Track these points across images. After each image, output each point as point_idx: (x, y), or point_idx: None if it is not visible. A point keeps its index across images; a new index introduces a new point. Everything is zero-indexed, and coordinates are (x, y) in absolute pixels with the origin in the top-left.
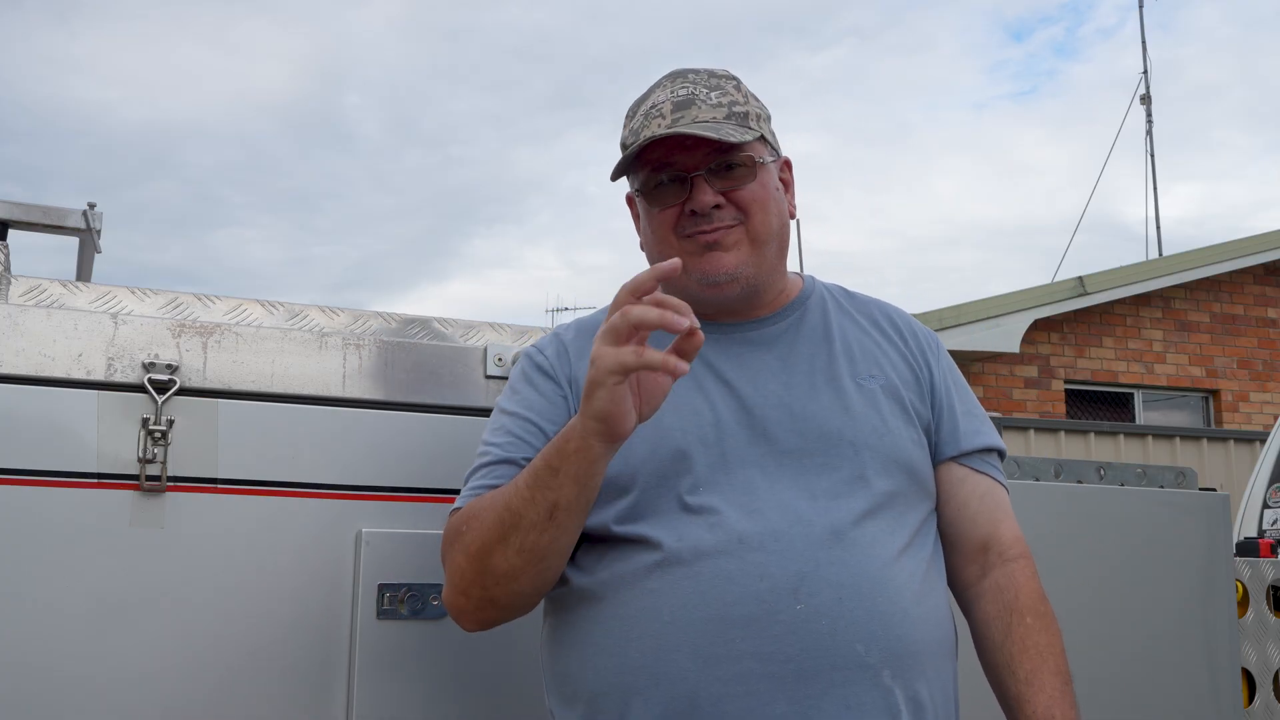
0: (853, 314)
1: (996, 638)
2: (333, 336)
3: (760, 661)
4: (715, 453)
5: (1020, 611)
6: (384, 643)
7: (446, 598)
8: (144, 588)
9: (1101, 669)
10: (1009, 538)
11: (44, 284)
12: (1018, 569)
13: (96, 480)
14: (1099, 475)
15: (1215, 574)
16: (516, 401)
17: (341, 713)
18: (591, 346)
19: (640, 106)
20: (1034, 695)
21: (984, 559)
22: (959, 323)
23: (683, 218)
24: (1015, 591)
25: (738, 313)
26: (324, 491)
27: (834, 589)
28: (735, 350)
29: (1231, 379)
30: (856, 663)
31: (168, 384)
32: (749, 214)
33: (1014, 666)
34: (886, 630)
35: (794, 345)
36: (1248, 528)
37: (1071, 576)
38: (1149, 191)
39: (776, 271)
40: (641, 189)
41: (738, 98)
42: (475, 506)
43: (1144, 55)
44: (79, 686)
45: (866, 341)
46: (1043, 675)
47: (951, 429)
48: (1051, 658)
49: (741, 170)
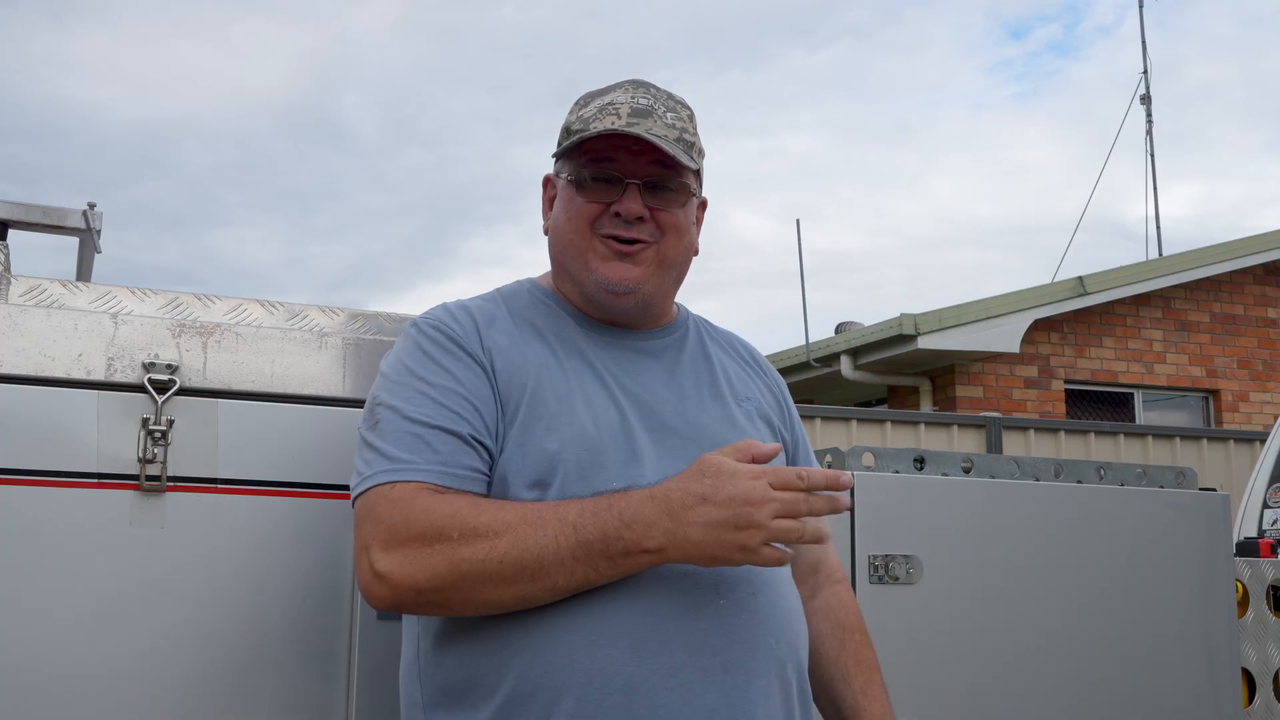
0: (719, 342)
1: (830, 653)
2: (333, 336)
3: (691, 654)
4: (626, 448)
5: (850, 630)
6: (384, 643)
7: (416, 576)
8: (144, 588)
9: (1102, 669)
10: (834, 562)
11: (44, 284)
12: (843, 590)
13: (96, 480)
14: (1099, 475)
15: (1215, 574)
16: (435, 372)
17: (341, 713)
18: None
19: (597, 99)
20: (870, 704)
21: (814, 579)
22: (959, 323)
23: (604, 216)
24: (845, 611)
25: (626, 324)
26: (324, 491)
27: (747, 585)
28: (628, 356)
29: (1231, 379)
30: (770, 655)
31: (168, 384)
32: (666, 235)
33: (849, 679)
34: (789, 626)
35: (678, 360)
36: (1248, 528)
37: (1072, 577)
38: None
39: (668, 296)
40: (574, 177)
41: (689, 127)
42: (481, 519)
43: (1144, 55)
44: (79, 686)
45: (737, 369)
46: (874, 687)
47: (806, 458)
48: (878, 671)
49: (674, 194)
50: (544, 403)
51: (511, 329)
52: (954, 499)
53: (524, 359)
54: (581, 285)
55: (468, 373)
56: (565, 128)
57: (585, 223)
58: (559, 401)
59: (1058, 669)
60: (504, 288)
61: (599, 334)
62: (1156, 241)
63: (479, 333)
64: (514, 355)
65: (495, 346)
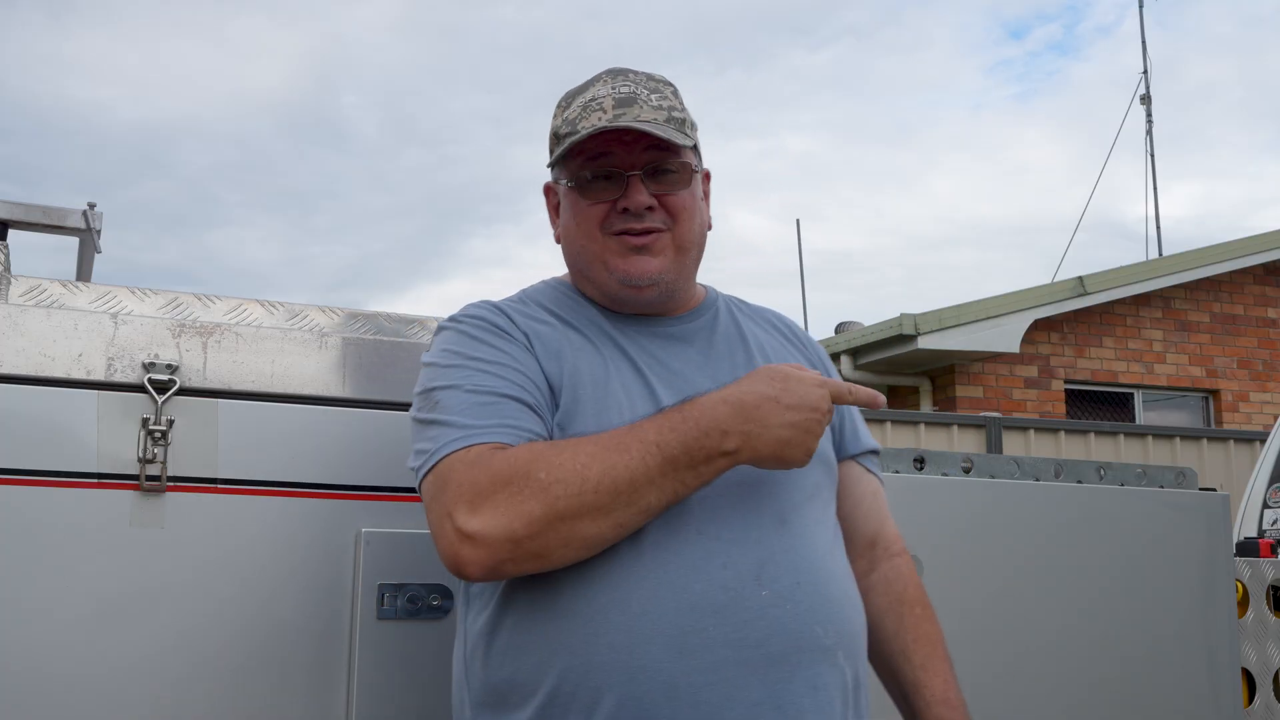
0: (752, 318)
1: (890, 628)
2: (332, 336)
3: (733, 648)
4: None
5: (910, 603)
6: (384, 643)
7: (475, 529)
8: (144, 588)
9: (1102, 669)
10: (892, 534)
11: (44, 284)
12: (903, 563)
13: (96, 480)
14: (1099, 475)
15: (1215, 574)
16: (488, 351)
17: (341, 713)
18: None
19: (578, 98)
20: (931, 679)
21: (872, 554)
22: (959, 323)
23: (612, 214)
24: (904, 584)
25: (653, 312)
26: (324, 491)
27: (791, 574)
28: (659, 343)
29: (1231, 379)
30: (817, 645)
31: (168, 384)
32: (678, 219)
33: (909, 654)
34: (838, 613)
35: (711, 342)
36: (1248, 528)
37: (1072, 577)
38: (1149, 191)
39: (692, 278)
40: (574, 182)
41: (676, 104)
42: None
43: (1144, 55)
44: (79, 686)
45: (775, 343)
46: (935, 661)
47: (852, 430)
48: (940, 644)
49: (675, 175)
50: (582, 387)
51: (545, 319)
52: (954, 499)
53: (560, 346)
54: (603, 287)
55: (519, 350)
56: (553, 133)
57: (594, 225)
58: (596, 386)
59: (1058, 669)
60: (527, 289)
61: (628, 323)
62: (1156, 241)
63: (515, 322)
64: (551, 342)
65: (533, 332)
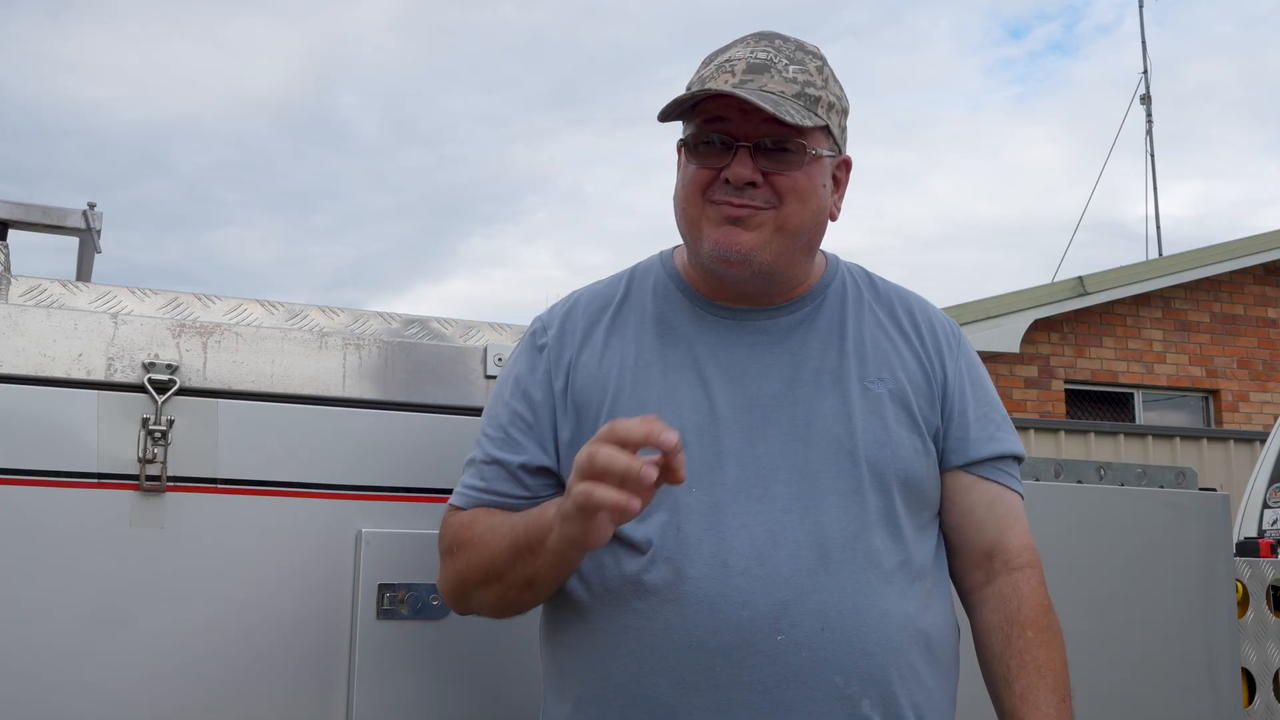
0: (872, 306)
1: (996, 648)
2: (333, 336)
3: (739, 691)
4: (711, 452)
5: (1021, 624)
6: (384, 643)
7: (440, 587)
8: (144, 588)
9: (1102, 669)
10: (1015, 546)
11: (44, 284)
12: (1022, 579)
13: (96, 480)
14: (1099, 475)
15: (1215, 574)
16: (514, 388)
17: (341, 713)
18: (590, 326)
19: (717, 57)
20: (1028, 712)
21: (988, 566)
22: (959, 323)
23: (716, 183)
24: (1019, 602)
25: (751, 297)
26: (324, 491)
27: (817, 618)
28: (745, 340)
29: (1231, 379)
30: (835, 695)
31: (168, 384)
32: (784, 201)
33: (1011, 680)
34: (868, 660)
35: (806, 340)
36: (1248, 528)
37: (1072, 577)
38: (1149, 191)
39: (798, 265)
40: (688, 141)
41: (816, 79)
42: (465, 534)
43: (1144, 55)
44: (79, 686)
45: (881, 339)
46: (1039, 692)
47: (961, 436)
48: (1050, 674)
49: (791, 155)
50: (619, 412)
51: (608, 328)
52: None
53: (605, 368)
54: (697, 255)
55: (536, 389)
56: (687, 86)
57: (697, 190)
58: (635, 411)
59: None
60: (639, 264)
61: (716, 317)
62: (1156, 241)
63: (563, 344)
64: (593, 367)
65: (575, 361)
